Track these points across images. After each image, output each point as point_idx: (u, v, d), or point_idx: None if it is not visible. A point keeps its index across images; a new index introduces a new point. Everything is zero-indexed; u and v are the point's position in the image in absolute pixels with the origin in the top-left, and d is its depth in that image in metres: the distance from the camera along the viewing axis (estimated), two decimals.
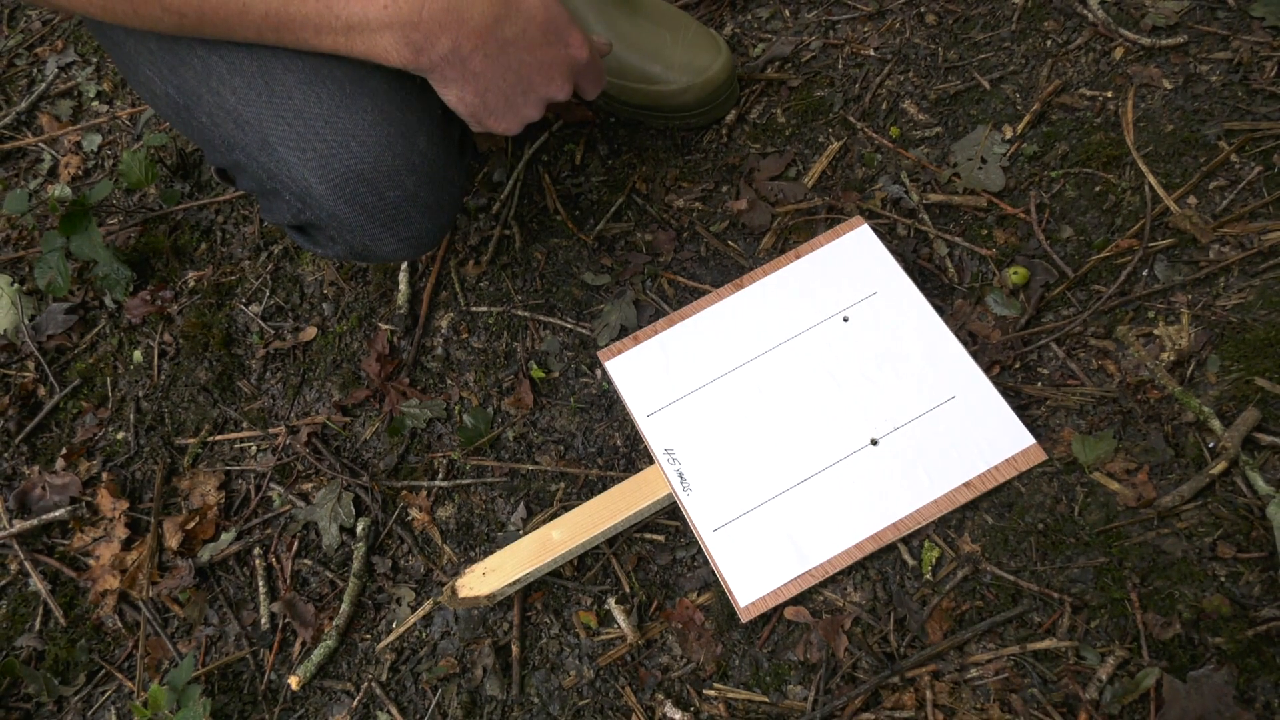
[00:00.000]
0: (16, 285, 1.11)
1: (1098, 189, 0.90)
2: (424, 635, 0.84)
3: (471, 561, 0.86)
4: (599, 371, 0.92)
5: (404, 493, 0.91)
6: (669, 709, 0.76)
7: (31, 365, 1.07)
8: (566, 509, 0.84)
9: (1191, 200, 0.87)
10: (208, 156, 0.78)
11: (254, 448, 0.97)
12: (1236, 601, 0.70)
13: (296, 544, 0.91)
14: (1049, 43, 0.99)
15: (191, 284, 1.08)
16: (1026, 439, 0.78)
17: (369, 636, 0.85)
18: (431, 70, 0.67)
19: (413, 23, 0.63)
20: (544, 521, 0.85)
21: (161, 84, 0.73)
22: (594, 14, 0.97)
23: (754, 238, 0.96)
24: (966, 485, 0.78)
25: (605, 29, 0.98)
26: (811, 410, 0.83)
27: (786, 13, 1.10)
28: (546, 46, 0.70)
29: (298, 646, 0.86)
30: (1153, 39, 0.95)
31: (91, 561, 0.93)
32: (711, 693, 0.76)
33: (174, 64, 0.71)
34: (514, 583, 0.80)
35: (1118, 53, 0.96)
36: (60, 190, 1.15)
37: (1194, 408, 0.77)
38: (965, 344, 0.84)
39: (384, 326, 1.00)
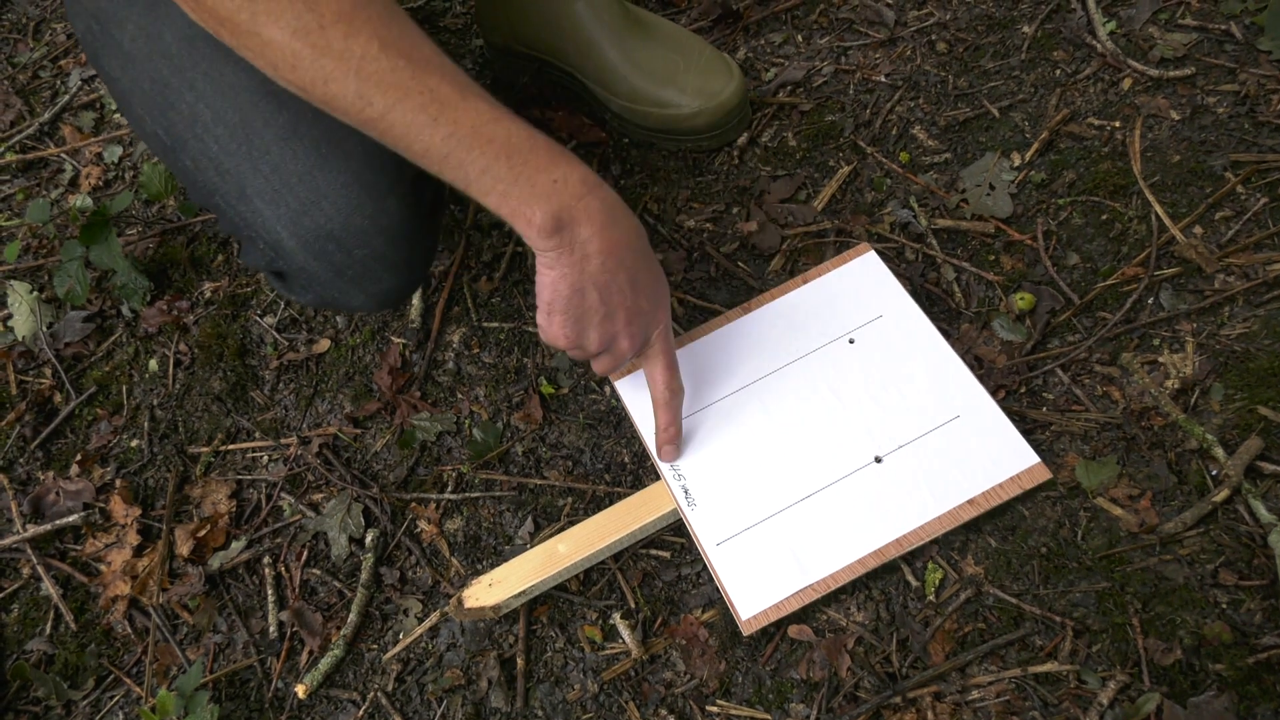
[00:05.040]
0: (36, 293, 1.13)
1: (1104, 217, 0.91)
2: (430, 646, 0.85)
3: (478, 574, 0.87)
4: (608, 389, 0.93)
5: (413, 505, 0.92)
6: None
7: (49, 372, 1.09)
8: (573, 523, 0.84)
9: (1197, 230, 0.88)
10: (191, 196, 0.80)
11: (266, 457, 0.98)
12: (1237, 628, 0.70)
13: (306, 553, 0.91)
14: (1058, 72, 1.01)
15: (208, 295, 1.10)
16: (1031, 457, 0.79)
17: (375, 646, 0.86)
18: (556, 249, 0.67)
19: (569, 205, 0.65)
20: (551, 535, 0.86)
21: (152, 123, 0.76)
22: (609, 39, 0.99)
23: (763, 259, 0.97)
24: (970, 502, 0.78)
25: (619, 53, 0.99)
26: (816, 428, 0.84)
27: (799, 38, 1.12)
28: (643, 300, 0.73)
29: (305, 655, 0.87)
30: (1161, 70, 0.96)
31: (103, 567, 0.94)
32: (714, 709, 0.77)
33: (163, 107, 0.73)
34: (520, 595, 0.81)
35: (1126, 83, 0.98)
36: (81, 200, 1.17)
37: (1197, 435, 0.78)
38: (971, 367, 0.85)
39: (396, 340, 1.01)
